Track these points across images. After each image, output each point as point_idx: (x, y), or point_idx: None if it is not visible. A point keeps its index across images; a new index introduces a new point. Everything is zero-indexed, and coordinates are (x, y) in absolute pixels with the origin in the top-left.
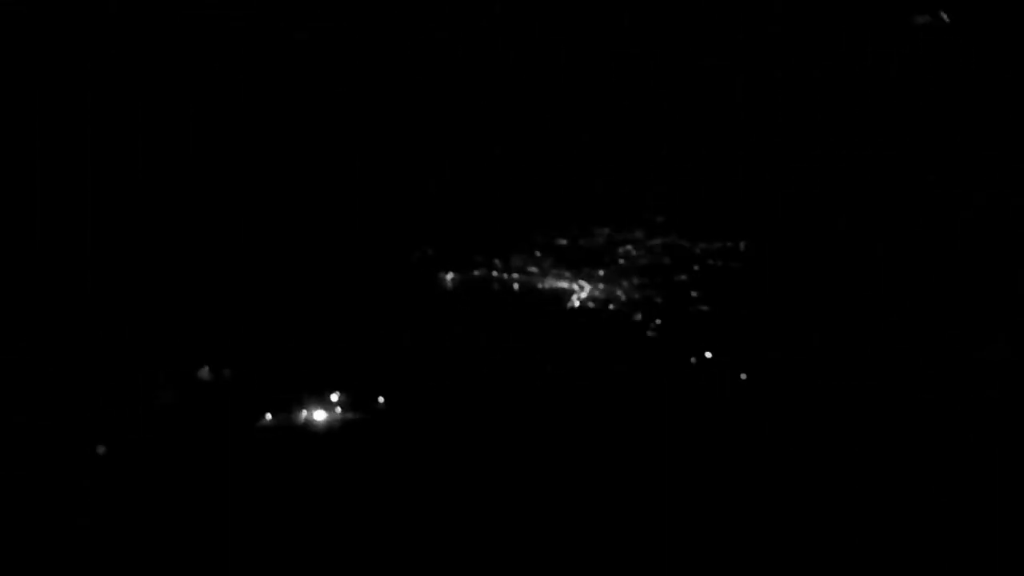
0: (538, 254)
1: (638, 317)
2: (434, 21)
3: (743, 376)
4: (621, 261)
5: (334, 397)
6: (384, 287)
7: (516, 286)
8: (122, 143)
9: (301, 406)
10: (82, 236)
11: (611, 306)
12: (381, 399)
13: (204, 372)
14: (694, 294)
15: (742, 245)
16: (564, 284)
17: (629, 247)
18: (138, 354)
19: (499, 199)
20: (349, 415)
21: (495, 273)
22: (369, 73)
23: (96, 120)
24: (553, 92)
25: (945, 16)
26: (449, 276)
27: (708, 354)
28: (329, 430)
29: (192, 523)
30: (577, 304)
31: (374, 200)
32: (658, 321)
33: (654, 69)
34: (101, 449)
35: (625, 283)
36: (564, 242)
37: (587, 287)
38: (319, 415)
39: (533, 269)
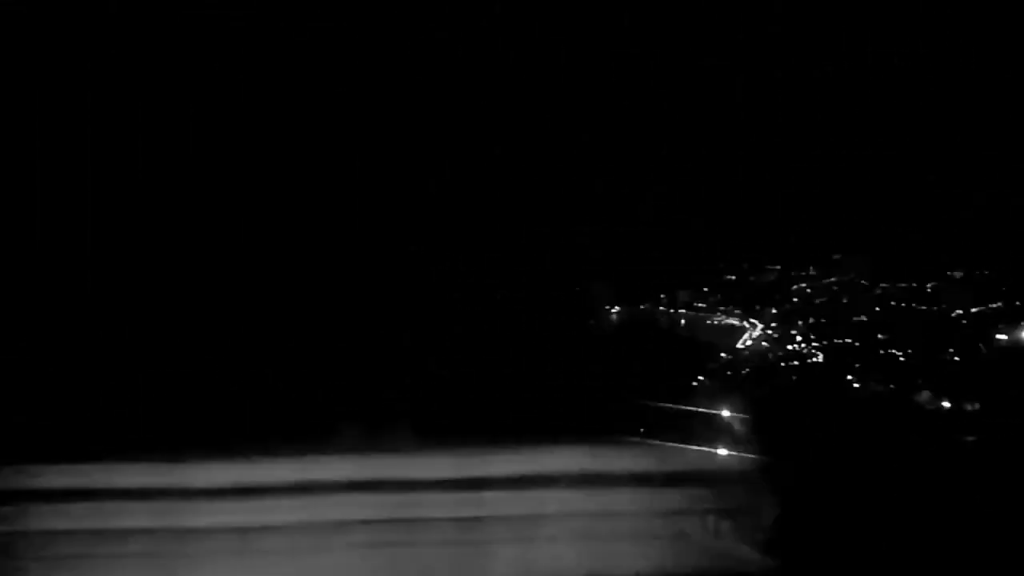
0: (705, 290)
1: (818, 359)
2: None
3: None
4: (794, 299)
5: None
6: (549, 322)
7: (683, 322)
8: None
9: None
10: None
11: (788, 346)
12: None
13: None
14: (881, 337)
15: (929, 286)
16: (734, 321)
17: (803, 284)
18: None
19: (663, 233)
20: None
21: (661, 308)
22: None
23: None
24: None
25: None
26: (615, 310)
27: (938, 404)
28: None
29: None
30: (749, 342)
31: (525, 234)
32: (852, 366)
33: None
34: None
35: (800, 323)
36: (733, 278)
37: (758, 326)
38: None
39: (700, 305)
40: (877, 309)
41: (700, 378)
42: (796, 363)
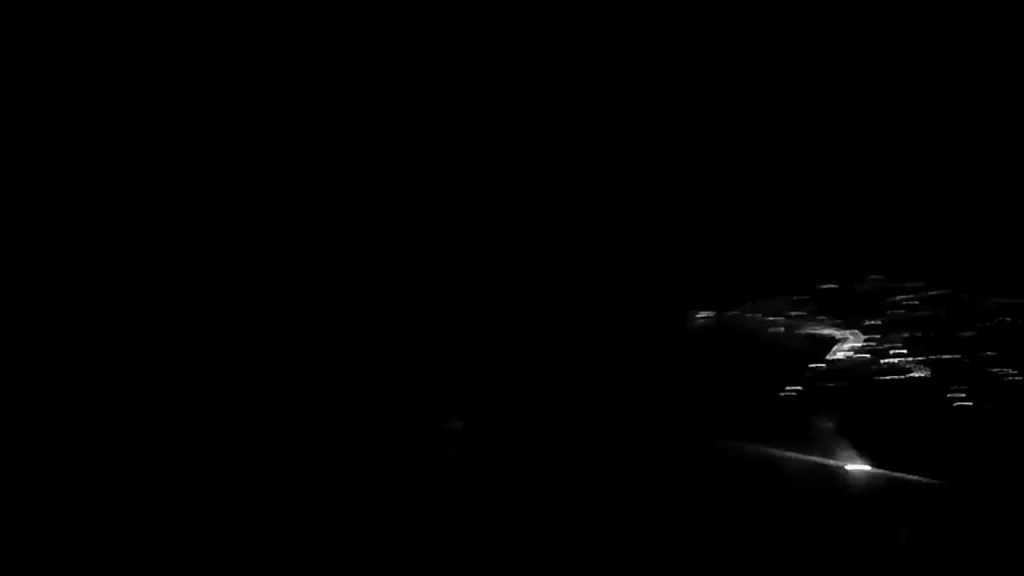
0: (799, 297)
1: (918, 375)
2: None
3: None
4: (897, 311)
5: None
6: (627, 324)
7: (771, 330)
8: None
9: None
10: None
11: (884, 361)
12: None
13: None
14: (990, 353)
15: None
16: (828, 332)
17: (906, 296)
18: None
19: (757, 233)
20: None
21: (749, 315)
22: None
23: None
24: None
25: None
26: (699, 315)
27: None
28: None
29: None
30: (842, 356)
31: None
32: (953, 386)
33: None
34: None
35: (902, 336)
36: (831, 286)
37: (853, 338)
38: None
39: (793, 313)
40: (987, 325)
41: (791, 388)
42: (891, 381)
